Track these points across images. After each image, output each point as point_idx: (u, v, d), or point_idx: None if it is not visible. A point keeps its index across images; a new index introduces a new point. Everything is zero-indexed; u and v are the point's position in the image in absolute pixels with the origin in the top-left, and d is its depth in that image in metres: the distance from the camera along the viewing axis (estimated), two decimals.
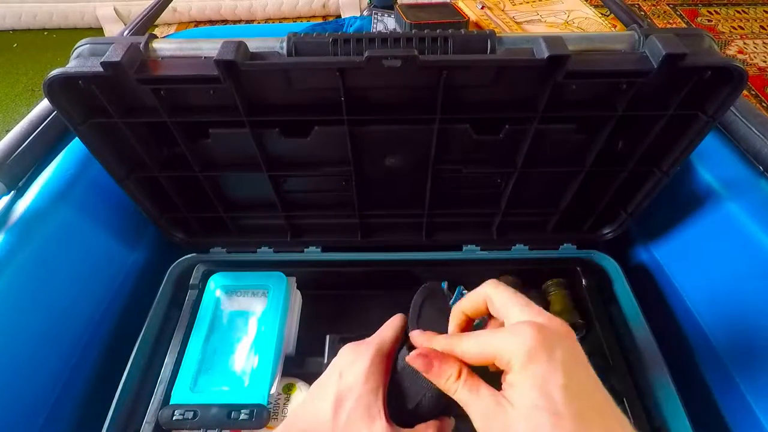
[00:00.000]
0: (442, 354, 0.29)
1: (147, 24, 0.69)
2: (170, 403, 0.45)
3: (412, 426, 0.32)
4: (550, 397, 0.24)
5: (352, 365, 0.33)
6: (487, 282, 0.31)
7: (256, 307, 0.52)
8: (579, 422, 0.24)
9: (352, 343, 0.36)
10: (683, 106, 0.41)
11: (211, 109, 0.43)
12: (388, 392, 0.33)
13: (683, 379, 0.47)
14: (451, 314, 0.33)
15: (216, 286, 0.54)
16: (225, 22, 2.18)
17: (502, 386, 0.27)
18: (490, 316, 0.32)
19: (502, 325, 0.29)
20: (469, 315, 0.32)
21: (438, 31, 0.38)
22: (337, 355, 0.35)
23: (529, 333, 0.26)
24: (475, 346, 0.28)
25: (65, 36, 2.13)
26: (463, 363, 0.29)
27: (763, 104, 1.68)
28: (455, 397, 0.28)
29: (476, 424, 0.27)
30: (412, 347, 0.33)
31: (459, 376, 0.28)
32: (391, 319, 0.37)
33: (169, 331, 0.52)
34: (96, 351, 0.52)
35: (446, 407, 0.33)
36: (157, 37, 0.40)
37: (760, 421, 0.42)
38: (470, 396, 0.27)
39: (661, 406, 0.45)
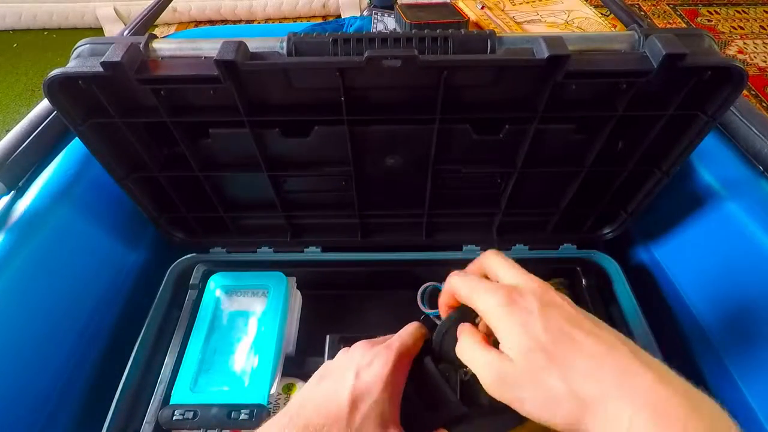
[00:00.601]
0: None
1: (147, 24, 0.69)
2: (170, 403, 0.45)
3: None
4: (537, 339, 0.27)
5: (370, 366, 0.32)
6: (486, 252, 0.34)
7: (256, 307, 0.52)
8: (567, 354, 0.26)
9: (368, 341, 0.35)
10: (683, 106, 0.41)
11: (211, 109, 0.43)
12: (404, 398, 0.32)
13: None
14: (446, 280, 0.35)
15: (216, 286, 0.54)
16: (225, 22, 2.18)
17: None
18: None
19: None
20: (451, 304, 0.35)
21: (438, 31, 0.38)
22: (352, 349, 0.35)
23: (502, 292, 0.29)
24: (463, 291, 0.32)
25: (65, 36, 2.13)
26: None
27: (763, 104, 1.69)
28: (471, 358, 0.30)
29: (500, 383, 0.28)
30: (436, 358, 0.33)
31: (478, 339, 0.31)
32: (409, 325, 0.37)
33: (169, 331, 0.52)
34: (96, 351, 0.52)
35: (462, 417, 0.32)
36: (157, 37, 0.40)
37: (760, 421, 0.42)
38: (488, 358, 0.29)
39: None
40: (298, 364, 0.51)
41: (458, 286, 0.32)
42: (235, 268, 0.56)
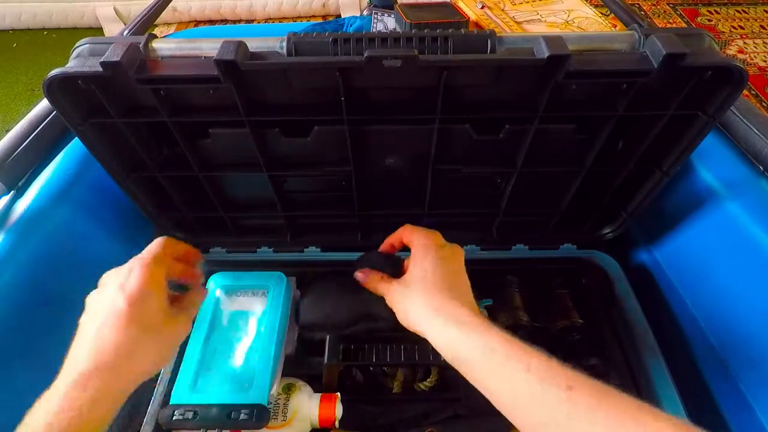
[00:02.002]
0: (370, 271, 0.46)
1: (147, 24, 0.69)
2: (170, 403, 0.45)
3: None
4: (425, 270, 0.40)
5: (129, 276, 0.37)
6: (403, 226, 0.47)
7: (256, 307, 0.52)
8: (434, 283, 0.39)
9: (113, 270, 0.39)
10: (683, 106, 0.41)
11: (211, 109, 0.43)
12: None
13: (683, 378, 0.47)
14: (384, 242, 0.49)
15: (216, 286, 0.54)
16: (225, 22, 2.18)
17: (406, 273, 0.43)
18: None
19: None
20: (394, 245, 0.49)
21: (438, 30, 0.38)
22: (101, 281, 0.39)
23: (431, 238, 0.43)
24: (408, 232, 0.46)
25: (65, 36, 2.13)
26: (382, 274, 0.45)
27: (763, 104, 1.69)
28: (380, 292, 0.44)
29: (392, 302, 0.42)
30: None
31: (381, 278, 0.44)
32: (157, 239, 0.42)
33: None
34: None
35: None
36: (157, 37, 0.40)
37: (760, 421, 0.42)
38: (387, 286, 0.43)
39: (661, 406, 0.45)
40: (298, 364, 0.51)
41: (407, 229, 0.46)
42: (235, 268, 0.56)
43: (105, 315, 0.35)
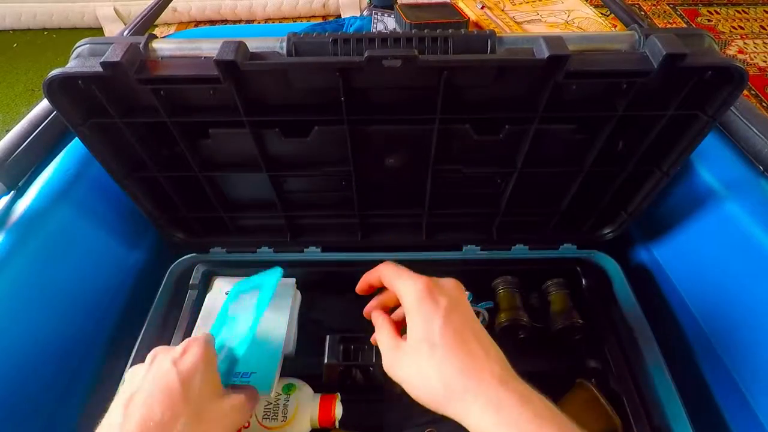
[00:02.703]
0: (381, 314, 0.40)
1: (147, 24, 0.69)
2: None
3: None
4: (431, 332, 0.33)
5: (186, 353, 0.36)
6: (382, 264, 0.40)
7: (257, 307, 0.52)
8: (448, 351, 0.32)
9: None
10: (683, 106, 0.41)
11: (211, 109, 0.43)
12: None
13: (683, 379, 0.47)
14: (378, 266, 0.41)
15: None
16: (225, 22, 2.18)
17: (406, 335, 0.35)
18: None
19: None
20: (373, 284, 0.42)
21: (438, 31, 0.38)
22: (155, 357, 0.37)
23: (420, 282, 0.35)
24: (387, 276, 0.38)
25: (65, 36, 2.13)
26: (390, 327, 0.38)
27: (763, 104, 1.69)
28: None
29: (396, 375, 0.35)
30: None
31: (389, 335, 0.37)
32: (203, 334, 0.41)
33: (168, 332, 0.52)
34: (96, 351, 0.52)
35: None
36: (157, 37, 0.40)
37: (760, 421, 0.42)
38: (386, 348, 0.36)
39: (661, 406, 0.45)
40: (298, 364, 0.51)
41: (386, 272, 0.38)
42: (235, 268, 0.56)
43: (155, 389, 0.34)
